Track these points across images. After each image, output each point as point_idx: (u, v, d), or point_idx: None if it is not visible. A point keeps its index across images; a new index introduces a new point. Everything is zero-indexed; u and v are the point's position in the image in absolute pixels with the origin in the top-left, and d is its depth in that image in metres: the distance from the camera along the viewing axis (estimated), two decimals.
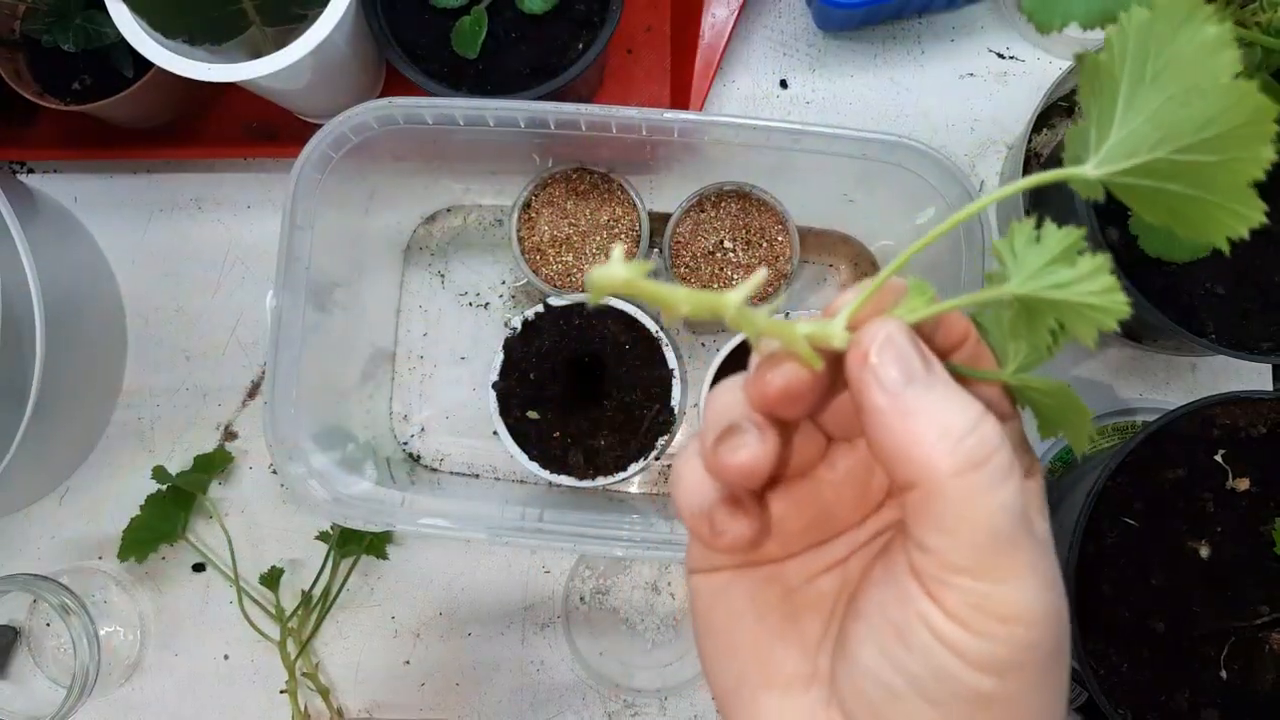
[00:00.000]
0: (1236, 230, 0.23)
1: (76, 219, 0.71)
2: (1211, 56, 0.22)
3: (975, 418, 0.24)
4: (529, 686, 0.68)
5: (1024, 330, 0.27)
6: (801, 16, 0.71)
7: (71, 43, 0.63)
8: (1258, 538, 0.54)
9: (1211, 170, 0.22)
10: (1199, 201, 0.23)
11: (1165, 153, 0.23)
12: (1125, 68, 0.23)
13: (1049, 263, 0.26)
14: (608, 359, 0.62)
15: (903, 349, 0.25)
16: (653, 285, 0.21)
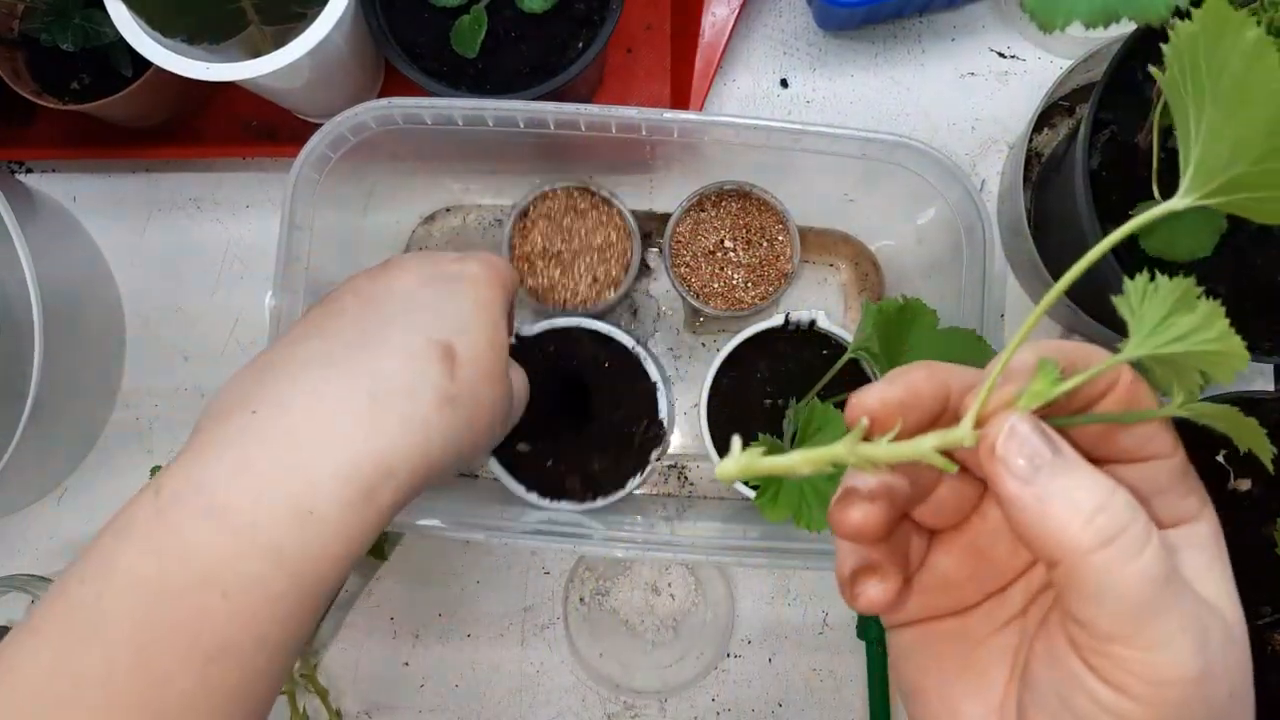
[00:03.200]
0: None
1: (75, 219, 0.71)
2: (1257, 63, 0.22)
3: (1105, 495, 0.26)
4: (529, 687, 0.68)
5: (1172, 375, 0.28)
6: (802, 15, 0.71)
7: (70, 42, 0.63)
8: (1259, 538, 0.54)
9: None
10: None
11: (1242, 168, 0.24)
12: (1189, 86, 0.24)
13: (1167, 315, 0.26)
14: (589, 379, 0.61)
15: (1026, 438, 0.26)
16: (770, 462, 0.24)
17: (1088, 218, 0.51)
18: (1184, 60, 0.23)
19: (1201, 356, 0.25)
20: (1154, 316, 0.26)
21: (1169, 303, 0.25)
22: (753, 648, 0.68)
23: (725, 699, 0.68)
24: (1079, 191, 0.52)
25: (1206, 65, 0.23)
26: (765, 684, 0.68)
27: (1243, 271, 0.53)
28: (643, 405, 0.61)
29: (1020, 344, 0.28)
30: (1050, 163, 0.64)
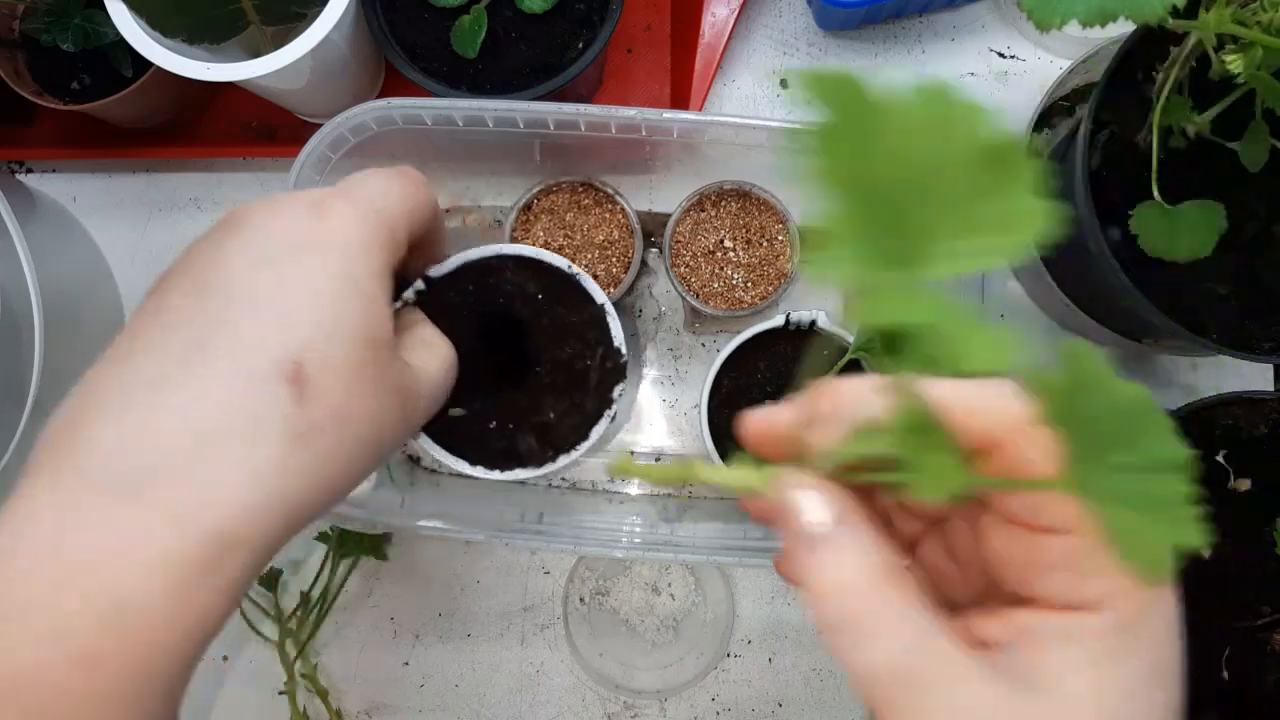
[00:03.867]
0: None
1: (75, 219, 0.71)
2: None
3: (850, 577, 0.25)
4: (529, 687, 0.68)
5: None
6: (802, 16, 0.71)
7: (70, 42, 0.63)
8: (1259, 538, 0.54)
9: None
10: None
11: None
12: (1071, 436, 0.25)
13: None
14: (523, 315, 0.50)
15: (808, 506, 0.26)
16: (638, 466, 0.31)
17: (1088, 218, 0.51)
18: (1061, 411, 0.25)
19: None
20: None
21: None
22: (753, 648, 0.68)
23: (725, 699, 0.68)
24: (1079, 191, 0.52)
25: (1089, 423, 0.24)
26: (765, 684, 0.68)
27: (1243, 271, 0.53)
28: (592, 333, 0.51)
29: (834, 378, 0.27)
30: (1050, 162, 0.64)
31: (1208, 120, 0.50)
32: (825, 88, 0.21)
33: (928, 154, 0.21)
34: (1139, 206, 0.51)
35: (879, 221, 0.22)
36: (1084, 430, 0.23)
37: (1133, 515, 0.23)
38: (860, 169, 0.21)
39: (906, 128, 0.21)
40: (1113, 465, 0.23)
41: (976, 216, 0.21)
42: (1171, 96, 0.49)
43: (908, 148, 0.21)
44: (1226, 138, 0.51)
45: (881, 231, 0.22)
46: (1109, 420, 0.23)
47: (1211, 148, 0.51)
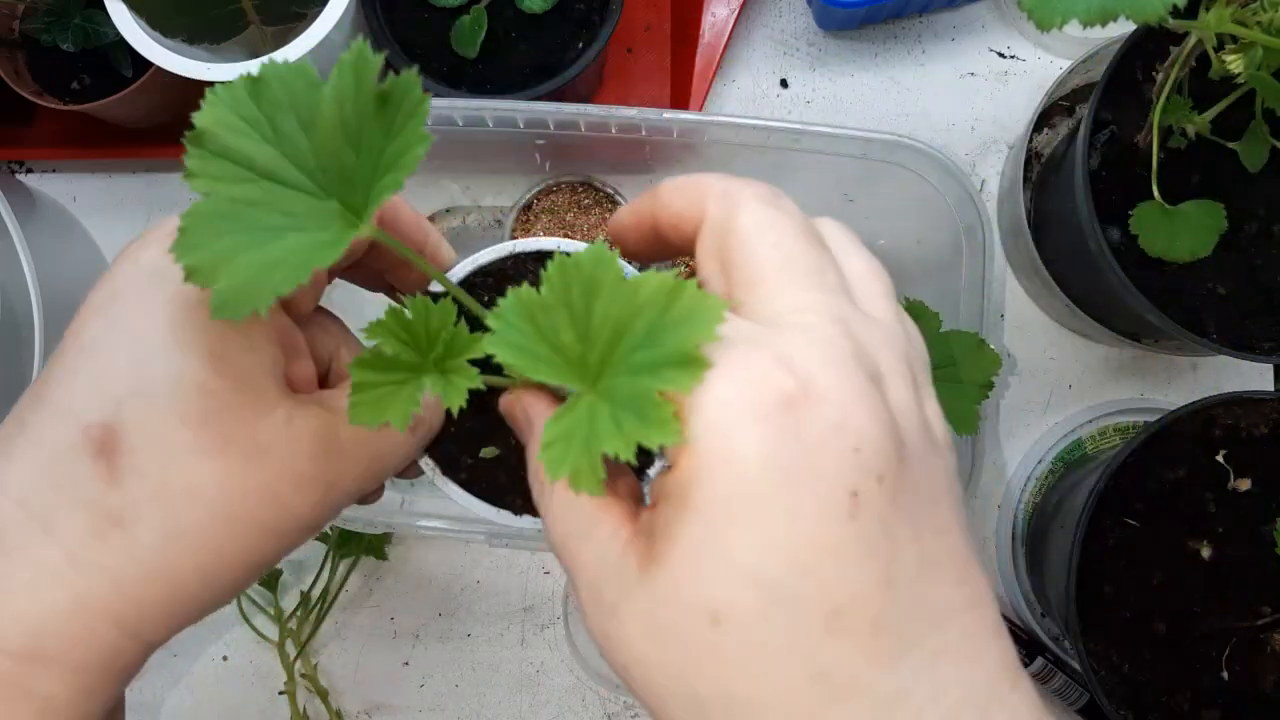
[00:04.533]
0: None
1: (75, 219, 0.71)
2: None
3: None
4: (529, 688, 0.68)
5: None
6: (802, 15, 0.71)
7: (70, 42, 0.63)
8: (1259, 538, 0.54)
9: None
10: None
11: None
12: None
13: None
14: None
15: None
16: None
17: (1087, 218, 0.51)
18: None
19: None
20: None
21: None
22: None
23: None
24: (1079, 191, 0.52)
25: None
26: None
27: (1243, 271, 0.53)
28: None
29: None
30: (1050, 163, 0.64)
31: (1208, 120, 0.50)
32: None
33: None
34: (1139, 206, 0.51)
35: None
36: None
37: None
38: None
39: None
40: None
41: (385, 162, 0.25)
42: (1171, 96, 0.49)
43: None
44: (1226, 138, 0.51)
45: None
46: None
47: (1211, 148, 0.51)
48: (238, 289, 0.24)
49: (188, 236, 0.25)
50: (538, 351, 0.25)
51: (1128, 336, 0.61)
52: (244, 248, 0.24)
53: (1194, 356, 0.67)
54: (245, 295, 0.24)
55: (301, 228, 0.25)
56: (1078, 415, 0.67)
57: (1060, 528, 0.59)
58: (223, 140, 0.25)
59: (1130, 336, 0.62)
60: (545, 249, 0.40)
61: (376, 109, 0.24)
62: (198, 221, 0.25)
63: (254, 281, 0.24)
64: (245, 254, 0.24)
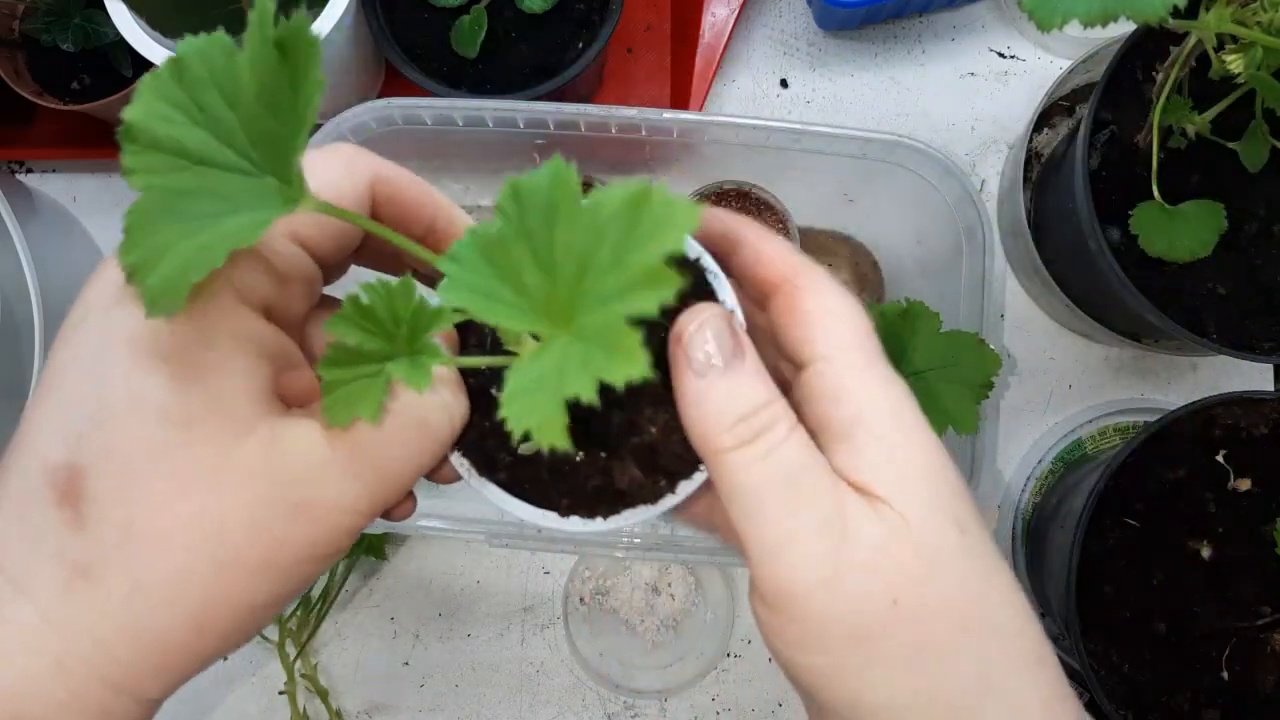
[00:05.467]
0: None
1: (75, 219, 0.71)
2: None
3: (758, 402, 0.26)
4: (529, 687, 0.68)
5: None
6: (802, 16, 0.71)
7: (70, 42, 0.63)
8: (1259, 538, 0.54)
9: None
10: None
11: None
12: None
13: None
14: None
15: (716, 335, 0.26)
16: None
17: (1087, 218, 0.51)
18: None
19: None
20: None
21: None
22: (753, 648, 0.68)
23: (725, 699, 0.68)
24: (1079, 191, 0.52)
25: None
26: (765, 684, 0.68)
27: (1243, 271, 0.53)
28: (691, 300, 0.33)
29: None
30: (1050, 163, 0.64)
31: (1208, 120, 0.50)
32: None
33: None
34: (1139, 206, 0.51)
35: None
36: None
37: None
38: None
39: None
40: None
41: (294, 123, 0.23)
42: (1171, 96, 0.49)
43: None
44: (1226, 138, 0.51)
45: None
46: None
47: (1211, 148, 0.51)
48: (165, 281, 0.22)
49: (130, 236, 0.23)
50: (499, 294, 0.22)
51: (1128, 336, 0.61)
52: (179, 239, 0.23)
53: (1194, 356, 0.67)
54: (173, 287, 0.22)
55: (237, 210, 0.23)
56: (1078, 415, 0.67)
57: (1060, 528, 0.59)
58: (153, 131, 0.23)
59: (1130, 336, 0.62)
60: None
61: (280, 63, 0.22)
62: (138, 220, 0.23)
63: (181, 272, 0.22)
64: (178, 245, 0.23)
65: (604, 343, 0.20)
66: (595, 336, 0.21)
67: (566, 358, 0.21)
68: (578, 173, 0.22)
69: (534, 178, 0.22)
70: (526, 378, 0.21)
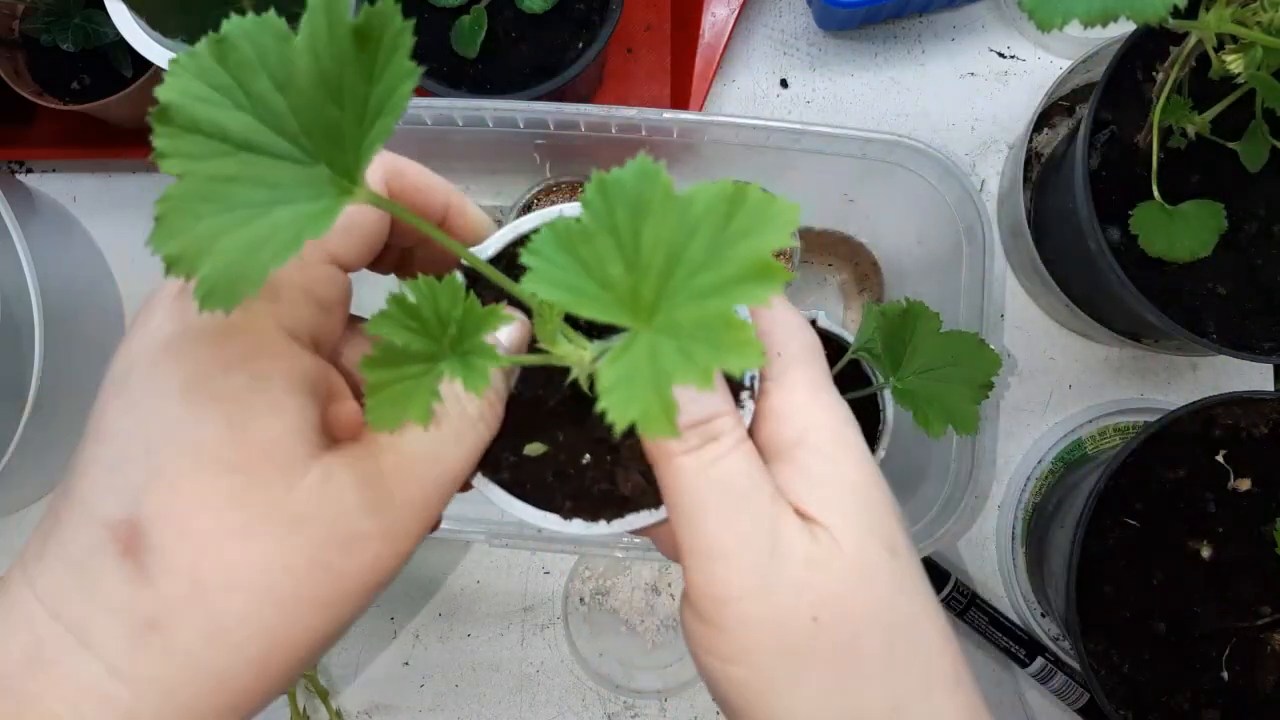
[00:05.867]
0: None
1: (75, 219, 0.71)
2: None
3: (712, 409, 0.26)
4: (529, 688, 0.68)
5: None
6: (802, 15, 0.71)
7: (70, 42, 0.63)
8: (1259, 538, 0.54)
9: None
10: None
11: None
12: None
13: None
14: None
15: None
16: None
17: (1087, 218, 0.51)
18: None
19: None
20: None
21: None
22: None
23: None
24: (1079, 191, 0.52)
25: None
26: None
27: (1243, 271, 0.53)
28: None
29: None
30: (1050, 163, 0.64)
31: (1208, 120, 0.50)
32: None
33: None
34: (1139, 206, 0.51)
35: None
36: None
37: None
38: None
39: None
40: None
41: (371, 110, 0.22)
42: (1171, 96, 0.49)
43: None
44: (1226, 138, 0.51)
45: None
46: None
47: (1211, 148, 0.51)
48: (223, 274, 0.21)
49: (165, 224, 0.22)
50: (583, 287, 0.22)
51: (1128, 336, 0.61)
52: (227, 228, 0.22)
53: (1194, 356, 0.67)
54: (233, 280, 0.21)
55: (289, 200, 0.22)
56: (1078, 415, 0.67)
57: (1060, 528, 0.59)
58: (191, 113, 0.23)
59: (1130, 336, 0.62)
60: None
61: (355, 51, 0.21)
62: (174, 206, 0.22)
63: (241, 263, 0.21)
64: (229, 235, 0.22)
65: (708, 337, 0.21)
66: (694, 331, 0.21)
67: (658, 353, 0.21)
68: (662, 169, 0.23)
69: (621, 173, 0.22)
70: (617, 371, 0.21)
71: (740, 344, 0.20)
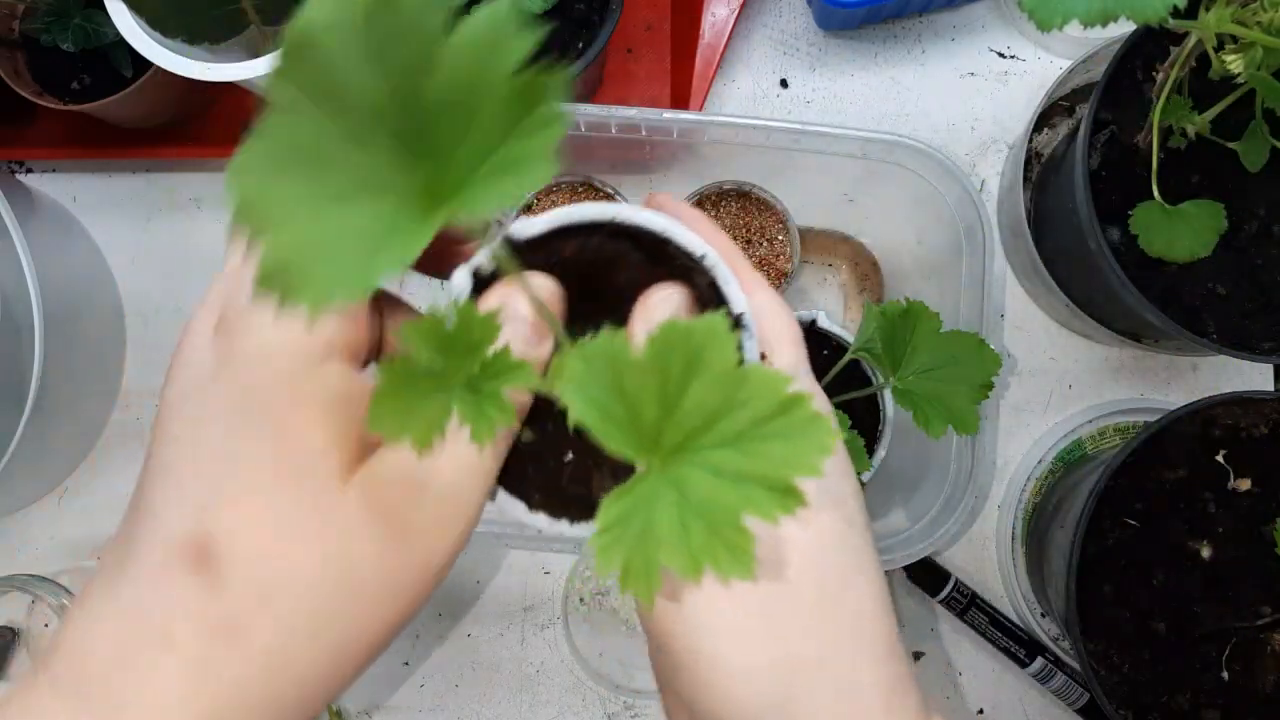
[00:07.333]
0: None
1: (75, 219, 0.71)
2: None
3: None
4: (529, 687, 0.68)
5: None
6: (802, 15, 0.71)
7: (70, 42, 0.63)
8: (1259, 538, 0.54)
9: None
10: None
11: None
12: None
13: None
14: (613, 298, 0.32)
15: (676, 309, 0.29)
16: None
17: (1087, 218, 0.51)
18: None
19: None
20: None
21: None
22: None
23: None
24: (1079, 191, 0.52)
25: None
26: None
27: (1243, 271, 0.53)
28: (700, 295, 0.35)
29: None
30: (1050, 163, 0.64)
31: (1208, 120, 0.50)
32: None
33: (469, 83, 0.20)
34: (1139, 206, 0.51)
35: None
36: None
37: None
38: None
39: (456, 54, 0.20)
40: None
41: (503, 154, 0.21)
42: (1171, 96, 0.49)
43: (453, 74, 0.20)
44: (1226, 138, 0.51)
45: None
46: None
47: (1211, 148, 0.51)
48: (294, 261, 0.20)
49: (243, 178, 0.20)
50: (615, 414, 0.22)
51: (1128, 336, 0.61)
52: (306, 200, 0.20)
53: (1194, 356, 0.67)
54: (303, 274, 0.20)
55: (377, 193, 0.21)
56: (1078, 415, 0.67)
57: (1060, 528, 0.59)
58: (328, 52, 0.20)
59: (1130, 336, 0.62)
60: (652, 230, 0.32)
61: (508, 95, 0.20)
62: (255, 161, 0.20)
63: (318, 258, 0.20)
64: (308, 210, 0.20)
65: (711, 522, 0.21)
66: (700, 506, 0.22)
67: (658, 503, 0.22)
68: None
69: (693, 326, 0.22)
70: (617, 510, 0.22)
71: (737, 551, 0.21)
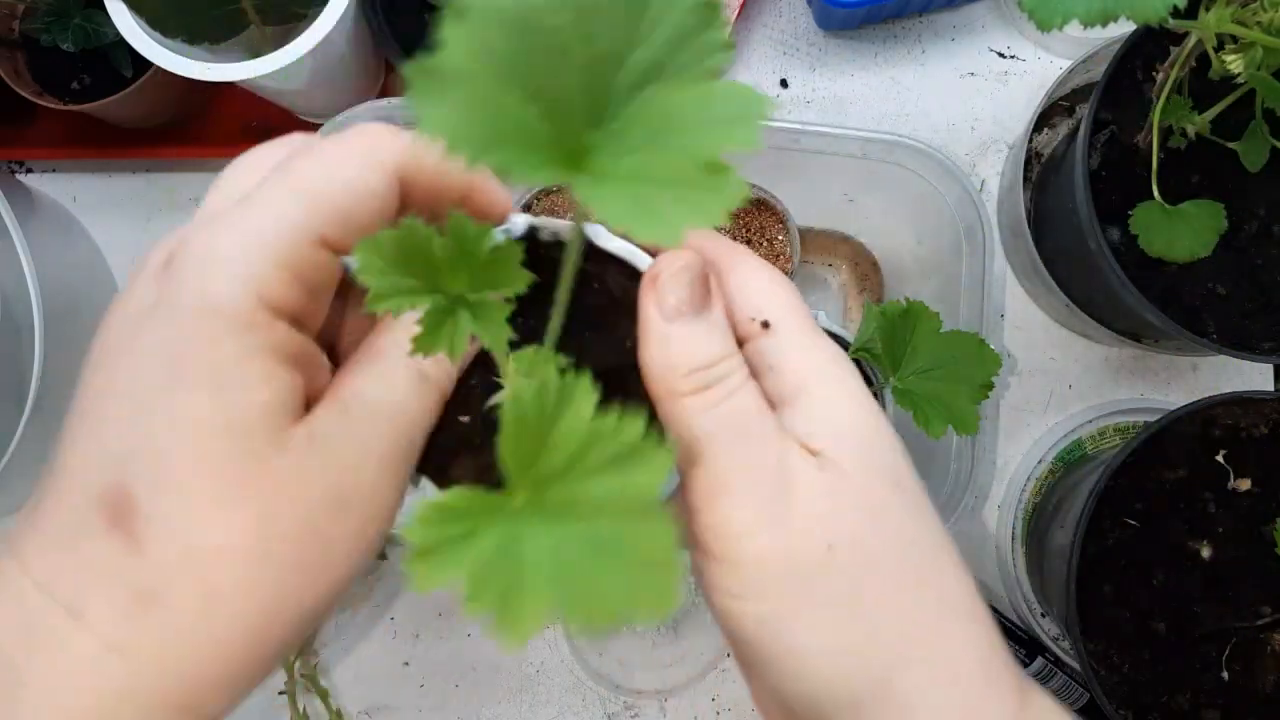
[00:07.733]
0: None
1: (75, 219, 0.71)
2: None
3: (717, 354, 0.27)
4: (529, 687, 0.68)
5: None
6: (802, 16, 0.71)
7: (70, 42, 0.63)
8: (1259, 538, 0.54)
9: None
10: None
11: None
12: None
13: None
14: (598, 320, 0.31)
15: (690, 282, 0.28)
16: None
17: (1087, 218, 0.51)
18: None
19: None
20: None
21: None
22: None
23: (725, 699, 0.68)
24: (1079, 191, 0.52)
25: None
26: None
27: (1243, 271, 0.53)
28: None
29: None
30: (1050, 163, 0.64)
31: (1208, 120, 0.50)
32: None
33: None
34: (1139, 206, 0.51)
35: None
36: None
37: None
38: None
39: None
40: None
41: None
42: (1171, 96, 0.49)
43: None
44: (1226, 138, 0.51)
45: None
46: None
47: (1211, 148, 0.51)
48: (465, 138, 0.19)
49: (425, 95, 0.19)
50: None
51: (1128, 336, 0.61)
52: (479, 104, 0.19)
53: (1194, 356, 0.67)
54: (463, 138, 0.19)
55: (532, 148, 0.20)
56: (1078, 415, 0.67)
57: (1060, 528, 0.59)
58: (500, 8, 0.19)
59: (1130, 336, 0.62)
60: (614, 252, 0.31)
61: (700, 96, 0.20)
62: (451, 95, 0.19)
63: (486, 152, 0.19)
64: (482, 113, 0.19)
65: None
66: (572, 533, 0.20)
67: (521, 527, 0.20)
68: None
69: (548, 394, 0.22)
70: (474, 554, 0.20)
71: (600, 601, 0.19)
